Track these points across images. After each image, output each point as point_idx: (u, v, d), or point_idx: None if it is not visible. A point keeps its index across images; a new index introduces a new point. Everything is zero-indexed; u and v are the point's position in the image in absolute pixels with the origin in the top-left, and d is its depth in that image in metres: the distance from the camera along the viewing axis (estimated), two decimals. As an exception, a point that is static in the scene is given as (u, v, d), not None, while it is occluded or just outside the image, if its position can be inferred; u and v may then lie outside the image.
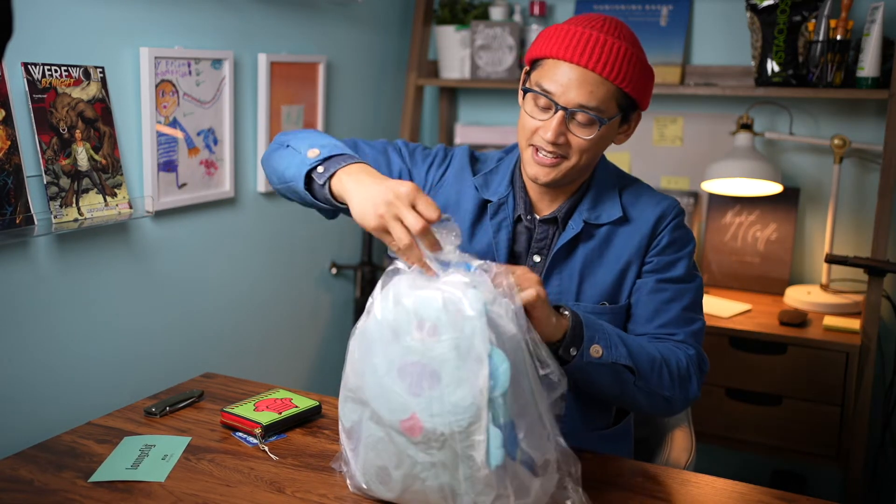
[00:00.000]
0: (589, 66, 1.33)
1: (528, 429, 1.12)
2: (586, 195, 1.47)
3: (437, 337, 1.10)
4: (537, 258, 1.48)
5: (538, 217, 1.48)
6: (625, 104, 1.39)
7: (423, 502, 1.17)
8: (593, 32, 1.35)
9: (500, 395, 1.10)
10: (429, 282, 1.15)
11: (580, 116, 1.35)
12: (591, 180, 1.49)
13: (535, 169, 1.41)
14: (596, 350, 1.30)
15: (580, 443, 1.46)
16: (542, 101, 1.37)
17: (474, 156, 1.57)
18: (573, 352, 1.29)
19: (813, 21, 2.33)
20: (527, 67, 1.45)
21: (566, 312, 1.31)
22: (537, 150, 1.39)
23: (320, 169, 1.31)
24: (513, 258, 1.50)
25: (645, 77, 1.39)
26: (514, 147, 1.54)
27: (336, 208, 1.34)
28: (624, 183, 1.51)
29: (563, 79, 1.35)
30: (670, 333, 1.44)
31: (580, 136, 1.36)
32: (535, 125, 1.38)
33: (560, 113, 1.35)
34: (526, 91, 1.41)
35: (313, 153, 1.33)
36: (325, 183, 1.29)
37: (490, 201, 1.49)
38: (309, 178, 1.33)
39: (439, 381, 1.10)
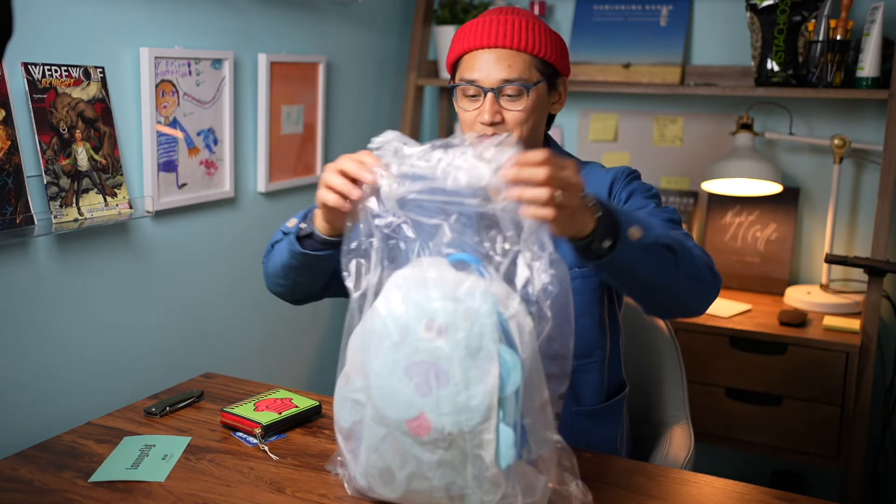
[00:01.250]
0: (498, 44, 1.44)
1: (534, 427, 1.12)
2: None
3: (447, 336, 1.10)
4: None
5: None
6: (545, 71, 1.48)
7: (427, 501, 1.16)
8: (493, 17, 1.47)
9: (511, 394, 1.10)
10: (437, 279, 1.14)
11: (507, 90, 1.44)
12: None
13: None
14: (635, 232, 1.19)
15: (565, 421, 1.47)
16: (470, 90, 1.47)
17: None
18: (607, 244, 1.18)
19: (813, 21, 2.33)
20: (449, 74, 1.54)
21: (590, 203, 1.17)
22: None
23: (303, 225, 1.38)
24: None
25: (553, 42, 1.48)
26: None
27: (332, 243, 1.34)
28: (578, 163, 1.51)
29: (481, 64, 1.45)
30: None
31: (513, 109, 1.45)
32: (472, 115, 1.47)
33: (489, 94, 1.44)
34: (454, 87, 1.50)
35: (292, 223, 1.41)
36: (311, 231, 1.35)
37: None
38: (300, 241, 1.38)
39: (448, 380, 1.09)
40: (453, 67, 1.52)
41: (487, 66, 1.44)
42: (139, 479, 1.29)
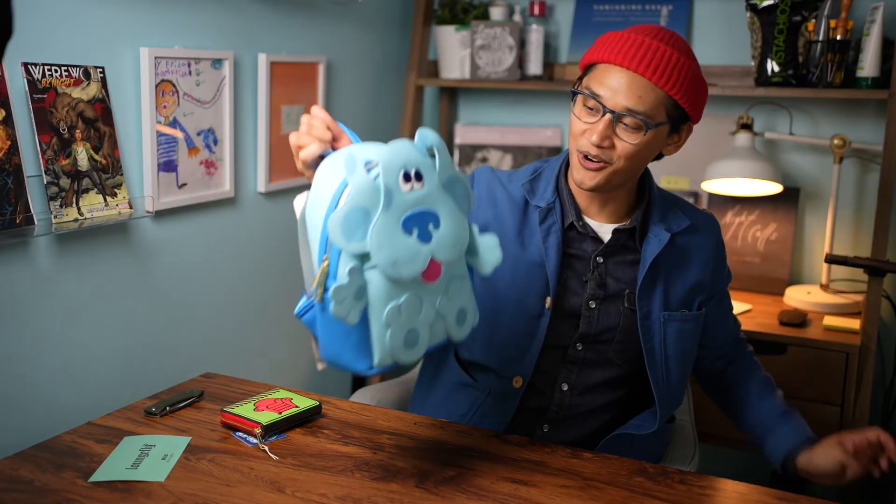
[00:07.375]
0: (639, 70, 1.34)
1: None
2: (653, 207, 1.50)
3: (423, 180, 1.15)
4: (601, 258, 1.49)
5: (608, 225, 1.50)
6: (674, 113, 1.40)
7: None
8: (646, 39, 1.36)
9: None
10: (366, 147, 1.19)
11: (627, 120, 1.36)
12: (651, 192, 1.51)
13: (581, 174, 1.42)
14: None
15: (621, 433, 1.51)
16: (591, 102, 1.39)
17: (495, 172, 1.59)
18: None
19: (813, 21, 2.33)
20: (580, 73, 1.47)
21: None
22: (585, 156, 1.41)
23: None
24: (566, 258, 1.50)
25: (696, 88, 1.39)
26: (552, 158, 1.57)
27: None
28: (667, 194, 1.57)
29: (612, 83, 1.36)
30: (737, 338, 1.68)
31: (626, 141, 1.37)
32: (583, 127, 1.40)
33: (607, 116, 1.36)
34: (576, 93, 1.42)
35: None
36: None
37: (539, 207, 1.50)
38: None
39: (440, 219, 1.16)
40: (585, 69, 1.44)
41: (617, 87, 1.35)
42: (139, 479, 1.29)
